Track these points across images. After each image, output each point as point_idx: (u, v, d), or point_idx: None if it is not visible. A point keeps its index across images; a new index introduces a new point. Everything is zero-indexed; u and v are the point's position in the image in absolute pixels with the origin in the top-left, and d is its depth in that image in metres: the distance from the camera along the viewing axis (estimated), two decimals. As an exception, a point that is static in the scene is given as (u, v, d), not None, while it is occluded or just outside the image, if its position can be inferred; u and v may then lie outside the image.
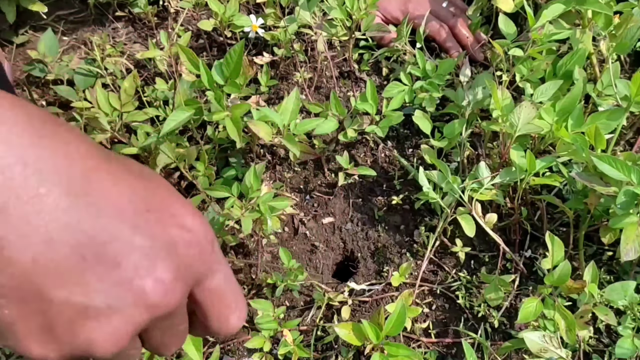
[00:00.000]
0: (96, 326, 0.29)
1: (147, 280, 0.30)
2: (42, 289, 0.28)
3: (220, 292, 0.35)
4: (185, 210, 0.33)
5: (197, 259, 0.32)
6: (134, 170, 0.33)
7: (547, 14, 0.91)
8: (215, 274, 0.34)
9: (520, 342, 0.81)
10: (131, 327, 0.30)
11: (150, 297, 0.30)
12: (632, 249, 0.76)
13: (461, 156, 1.03)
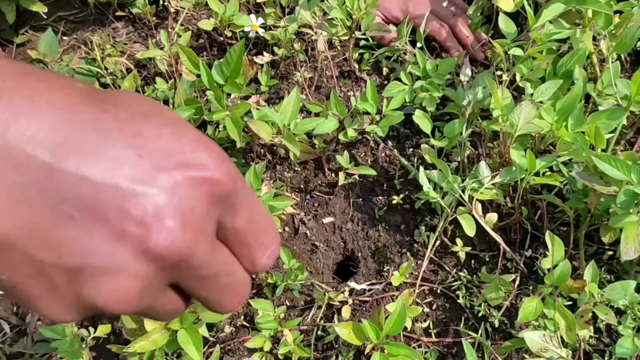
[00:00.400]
0: (96, 286, 0.27)
1: (146, 230, 0.27)
2: (30, 252, 0.26)
3: (246, 230, 0.31)
4: (192, 147, 0.29)
5: (214, 199, 0.29)
6: (126, 111, 0.29)
7: (548, 13, 0.91)
8: (238, 212, 0.30)
9: (521, 341, 0.81)
10: (138, 283, 0.27)
11: (152, 248, 0.27)
12: (632, 248, 0.76)
13: (461, 156, 1.03)
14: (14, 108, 0.26)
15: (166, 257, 0.27)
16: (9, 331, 1.04)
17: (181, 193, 0.27)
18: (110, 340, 1.00)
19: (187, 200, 0.27)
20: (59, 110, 0.27)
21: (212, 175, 0.28)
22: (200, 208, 0.28)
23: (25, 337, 1.02)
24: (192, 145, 0.29)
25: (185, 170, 0.28)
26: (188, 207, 0.27)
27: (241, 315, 1.00)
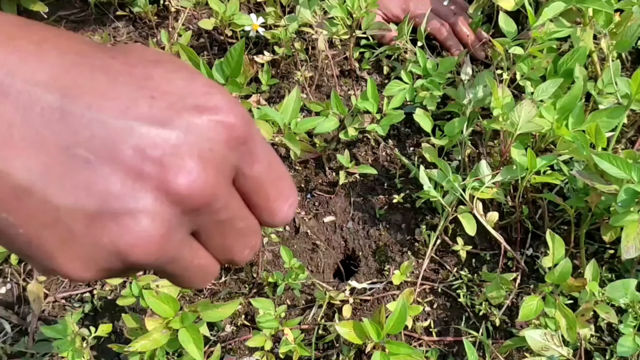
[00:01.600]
0: (117, 230, 0.26)
1: (165, 169, 0.26)
2: (45, 198, 0.25)
3: (265, 179, 0.30)
4: (203, 90, 0.28)
5: (231, 143, 0.28)
6: (136, 58, 0.28)
7: (548, 12, 0.91)
8: (255, 159, 0.30)
9: (522, 340, 0.81)
10: (160, 225, 0.26)
11: (173, 188, 0.26)
12: (633, 247, 0.76)
13: (462, 154, 1.03)
14: (22, 51, 0.26)
15: (187, 198, 0.26)
16: (10, 330, 1.04)
17: (198, 134, 0.27)
18: (111, 339, 1.00)
19: (204, 141, 0.27)
20: (67, 55, 0.26)
21: (227, 119, 0.28)
22: (219, 150, 0.27)
23: (26, 337, 1.03)
24: (205, 88, 0.28)
25: (201, 112, 0.27)
26: (206, 148, 0.27)
27: (242, 314, 1.00)
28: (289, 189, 0.32)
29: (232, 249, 0.31)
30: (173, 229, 0.27)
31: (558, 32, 0.93)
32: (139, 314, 0.94)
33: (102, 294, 1.04)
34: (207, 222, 0.29)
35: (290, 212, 0.32)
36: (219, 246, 0.31)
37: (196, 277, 0.31)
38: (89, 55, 0.27)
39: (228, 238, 0.30)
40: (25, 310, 1.06)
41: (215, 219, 0.29)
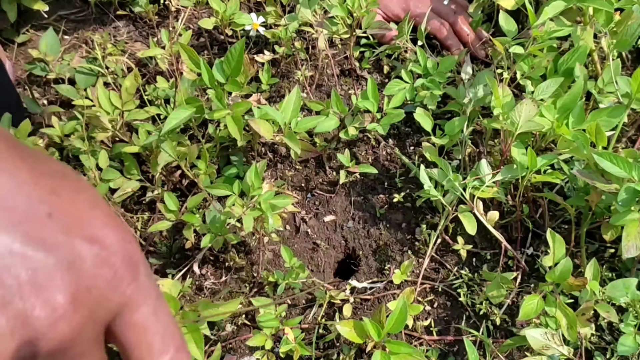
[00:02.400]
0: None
1: (32, 302, 0.23)
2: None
3: (150, 326, 0.28)
4: (103, 220, 0.25)
5: (111, 283, 0.25)
6: (45, 166, 0.26)
7: (548, 11, 0.91)
8: (139, 305, 0.27)
9: (522, 339, 0.81)
10: (10, 356, 0.23)
11: (34, 325, 0.23)
12: (634, 246, 0.76)
13: (462, 154, 1.03)
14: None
15: (42, 335, 0.23)
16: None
17: (81, 268, 0.24)
18: (112, 338, 0.99)
19: (85, 278, 0.24)
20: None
21: (115, 257, 0.25)
22: (98, 291, 0.25)
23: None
24: (105, 219, 0.26)
25: (92, 243, 0.25)
26: (84, 286, 0.24)
27: (242, 313, 1.00)
28: (174, 342, 0.28)
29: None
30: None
31: (558, 31, 0.93)
32: (140, 313, 0.94)
33: (102, 294, 1.04)
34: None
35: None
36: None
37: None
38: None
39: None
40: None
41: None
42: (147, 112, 1.07)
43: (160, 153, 0.98)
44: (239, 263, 1.03)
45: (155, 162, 0.99)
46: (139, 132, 1.03)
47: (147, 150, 1.04)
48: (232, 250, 1.04)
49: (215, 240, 0.96)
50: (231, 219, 0.94)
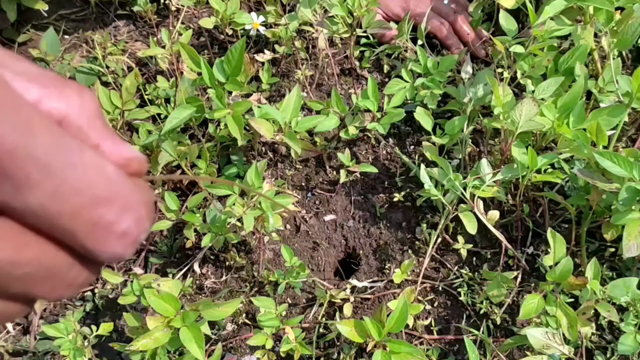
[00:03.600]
0: None
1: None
2: None
3: (53, 212, 0.20)
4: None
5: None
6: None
7: (549, 10, 0.91)
8: (23, 185, 0.19)
9: (523, 338, 0.81)
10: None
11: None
12: (635, 245, 0.76)
13: (463, 153, 1.03)
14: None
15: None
16: (12, 329, 1.04)
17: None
18: (113, 338, 1.00)
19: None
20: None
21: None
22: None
23: (27, 335, 1.03)
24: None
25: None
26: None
27: (243, 313, 1.00)
28: (114, 214, 0.21)
29: (32, 296, 0.22)
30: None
31: (559, 30, 0.93)
32: (140, 312, 0.94)
33: (103, 293, 1.04)
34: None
35: (120, 246, 0.22)
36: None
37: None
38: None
39: (11, 289, 0.21)
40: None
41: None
42: (147, 112, 1.07)
43: (160, 152, 0.98)
44: (239, 262, 1.03)
45: (155, 161, 0.99)
46: (140, 131, 1.03)
47: (147, 150, 1.04)
48: (233, 250, 1.04)
49: (215, 239, 0.96)
50: (232, 218, 0.94)
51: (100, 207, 0.21)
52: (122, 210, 0.21)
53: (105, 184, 0.21)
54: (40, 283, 0.21)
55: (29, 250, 0.20)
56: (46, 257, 0.21)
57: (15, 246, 0.20)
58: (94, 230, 0.21)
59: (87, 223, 0.20)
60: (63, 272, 0.21)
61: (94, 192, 0.20)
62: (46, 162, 0.19)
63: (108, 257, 0.22)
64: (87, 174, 0.20)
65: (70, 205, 0.20)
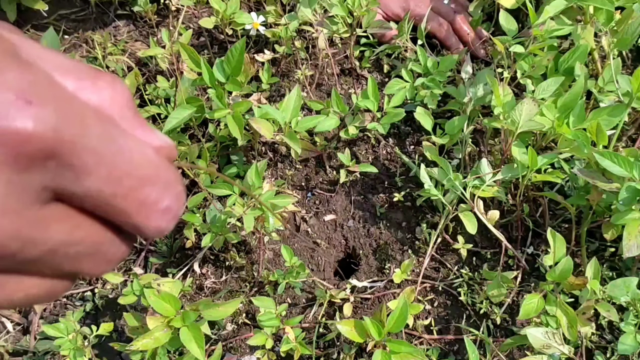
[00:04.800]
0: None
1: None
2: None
3: (109, 193, 0.22)
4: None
5: (22, 163, 0.19)
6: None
7: (549, 10, 0.91)
8: (82, 171, 0.21)
9: (523, 338, 0.81)
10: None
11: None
12: (635, 245, 0.76)
13: (463, 153, 1.03)
14: None
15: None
16: (12, 329, 1.04)
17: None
18: (113, 338, 1.00)
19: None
20: None
21: (6, 129, 0.19)
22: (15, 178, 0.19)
23: (27, 335, 1.03)
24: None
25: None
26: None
27: (243, 312, 1.00)
28: (157, 193, 0.24)
29: (77, 272, 0.24)
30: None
31: (559, 30, 0.93)
32: (140, 312, 0.94)
33: (103, 293, 1.04)
34: (16, 266, 0.22)
35: (164, 221, 0.24)
36: (53, 275, 0.24)
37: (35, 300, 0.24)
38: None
39: (63, 266, 0.23)
40: (26, 308, 1.06)
41: (23, 264, 0.22)
42: (147, 112, 1.07)
43: (160, 152, 0.98)
44: (239, 262, 1.03)
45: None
46: (140, 131, 1.03)
47: (147, 150, 1.04)
48: (233, 250, 1.04)
49: (215, 239, 0.96)
50: (232, 218, 0.94)
51: (146, 187, 0.23)
52: (164, 188, 0.24)
53: (149, 166, 0.23)
54: (87, 260, 0.23)
55: (80, 230, 0.22)
56: (94, 236, 0.23)
57: (69, 227, 0.22)
58: (142, 208, 0.23)
59: (136, 202, 0.23)
60: (106, 248, 0.24)
61: (140, 173, 0.23)
62: (99, 150, 0.21)
63: (154, 232, 0.24)
64: (132, 158, 0.22)
65: (121, 187, 0.22)
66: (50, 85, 0.20)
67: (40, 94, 0.19)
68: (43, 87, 0.20)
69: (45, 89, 0.20)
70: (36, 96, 0.19)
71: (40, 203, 0.21)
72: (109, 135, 0.22)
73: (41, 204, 0.21)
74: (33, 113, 0.19)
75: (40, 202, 0.21)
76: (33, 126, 0.19)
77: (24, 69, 0.20)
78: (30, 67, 0.20)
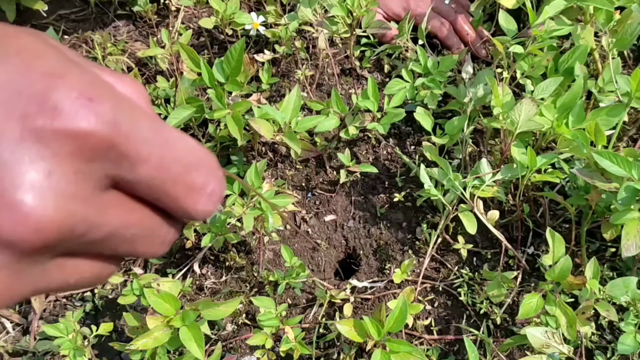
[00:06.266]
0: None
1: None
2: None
3: (160, 180, 0.24)
4: (52, 80, 0.21)
5: (85, 155, 0.21)
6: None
7: (549, 10, 0.91)
8: (136, 161, 0.23)
9: (523, 338, 0.81)
10: (6, 279, 0.21)
11: (4, 237, 0.20)
12: (634, 245, 0.76)
13: (463, 153, 1.03)
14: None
15: (19, 241, 0.21)
16: (11, 329, 1.04)
17: (27, 153, 0.20)
18: (113, 338, 1.00)
19: (37, 162, 0.20)
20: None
21: (73, 124, 0.21)
22: (62, 170, 0.21)
23: (27, 335, 1.03)
24: (44, 81, 0.21)
25: (32, 118, 0.20)
26: (40, 172, 0.20)
27: (243, 313, 1.00)
28: (203, 178, 0.26)
29: (131, 254, 0.26)
30: (17, 275, 0.22)
31: (559, 30, 0.93)
32: (140, 312, 0.94)
33: (103, 293, 1.04)
34: (78, 248, 0.24)
35: (210, 204, 0.26)
36: (109, 255, 0.26)
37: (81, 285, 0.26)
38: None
39: (120, 248, 0.25)
40: (26, 309, 1.06)
41: (85, 242, 0.23)
42: (147, 112, 1.06)
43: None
44: (239, 262, 1.03)
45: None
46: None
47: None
48: (233, 250, 1.04)
49: (215, 239, 0.96)
50: (231, 218, 0.94)
51: (192, 173, 0.25)
52: (208, 173, 0.26)
53: (192, 153, 0.25)
54: (141, 242, 0.26)
55: (135, 214, 0.25)
56: (146, 220, 0.25)
57: (125, 211, 0.24)
58: (191, 193, 0.25)
59: (184, 187, 0.25)
60: (157, 231, 0.26)
61: (186, 160, 0.25)
62: (150, 141, 0.23)
63: (201, 215, 0.26)
64: (177, 147, 0.25)
65: (171, 174, 0.24)
66: (104, 84, 0.23)
67: (98, 93, 0.22)
68: (100, 86, 0.22)
69: (102, 87, 0.22)
70: (96, 94, 0.22)
71: (101, 190, 0.23)
72: (155, 127, 0.24)
73: (101, 190, 0.23)
74: (95, 110, 0.21)
75: (101, 189, 0.23)
76: (96, 121, 0.21)
77: (82, 71, 0.22)
78: (85, 68, 0.23)
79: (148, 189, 0.24)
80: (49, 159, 0.21)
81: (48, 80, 0.21)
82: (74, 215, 0.22)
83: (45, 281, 0.24)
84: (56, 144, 0.21)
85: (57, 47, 0.23)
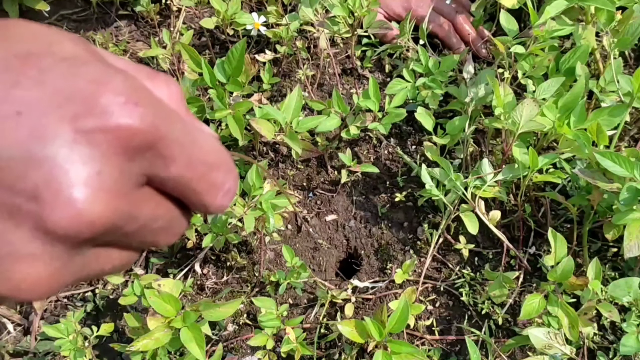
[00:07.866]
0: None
1: (41, 205, 0.22)
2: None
3: (187, 178, 0.26)
4: (99, 86, 0.23)
5: (129, 154, 0.23)
6: (3, 37, 0.24)
7: (550, 10, 0.91)
8: (169, 161, 0.25)
9: (525, 339, 0.80)
10: (44, 268, 0.23)
11: (51, 226, 0.22)
12: (636, 245, 0.76)
13: (464, 153, 1.03)
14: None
15: (72, 233, 0.22)
16: (12, 329, 1.04)
17: (79, 153, 0.22)
18: (113, 338, 1.00)
19: (90, 163, 0.22)
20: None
21: (120, 124, 0.23)
22: (111, 169, 0.23)
23: (28, 336, 1.03)
24: (91, 87, 0.23)
25: (82, 121, 0.22)
26: (93, 172, 0.22)
27: (244, 313, 1.00)
28: (222, 177, 0.28)
29: (153, 244, 0.29)
30: (62, 267, 0.24)
31: (560, 30, 0.93)
32: (141, 313, 0.94)
33: (104, 293, 1.04)
34: (114, 241, 0.26)
35: (226, 200, 0.29)
36: (136, 245, 0.28)
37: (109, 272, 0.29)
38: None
39: (146, 238, 0.27)
40: (27, 309, 1.06)
41: (121, 234, 0.26)
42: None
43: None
44: (240, 263, 1.03)
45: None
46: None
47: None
48: (234, 250, 1.04)
49: (216, 240, 0.96)
50: (232, 218, 0.94)
51: (214, 171, 0.28)
52: (226, 172, 0.28)
53: (215, 153, 0.28)
54: (163, 233, 0.28)
55: (162, 208, 0.27)
56: (169, 212, 0.28)
57: (155, 206, 0.26)
58: (212, 189, 0.28)
59: (207, 184, 0.27)
60: (175, 222, 0.28)
61: (210, 160, 0.27)
62: (181, 142, 0.25)
63: (218, 209, 0.29)
64: (203, 147, 0.27)
65: (196, 171, 0.27)
66: (145, 88, 0.25)
67: (141, 97, 0.24)
68: (142, 90, 0.24)
69: (144, 92, 0.24)
70: (140, 99, 0.24)
71: (137, 187, 0.25)
72: (186, 129, 0.26)
73: (138, 187, 0.25)
74: (140, 113, 0.23)
75: (138, 186, 0.25)
76: (139, 124, 0.23)
77: (126, 76, 0.24)
78: (127, 73, 0.24)
79: (176, 185, 0.26)
80: (99, 159, 0.23)
81: (95, 86, 0.23)
82: (118, 210, 0.24)
83: (86, 270, 0.26)
84: (104, 145, 0.23)
85: (97, 52, 0.26)
